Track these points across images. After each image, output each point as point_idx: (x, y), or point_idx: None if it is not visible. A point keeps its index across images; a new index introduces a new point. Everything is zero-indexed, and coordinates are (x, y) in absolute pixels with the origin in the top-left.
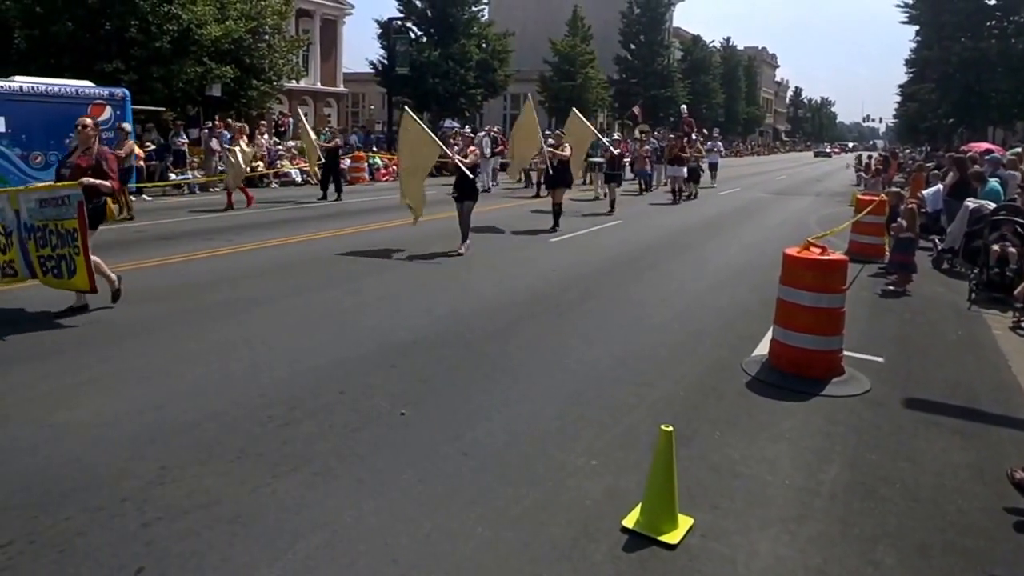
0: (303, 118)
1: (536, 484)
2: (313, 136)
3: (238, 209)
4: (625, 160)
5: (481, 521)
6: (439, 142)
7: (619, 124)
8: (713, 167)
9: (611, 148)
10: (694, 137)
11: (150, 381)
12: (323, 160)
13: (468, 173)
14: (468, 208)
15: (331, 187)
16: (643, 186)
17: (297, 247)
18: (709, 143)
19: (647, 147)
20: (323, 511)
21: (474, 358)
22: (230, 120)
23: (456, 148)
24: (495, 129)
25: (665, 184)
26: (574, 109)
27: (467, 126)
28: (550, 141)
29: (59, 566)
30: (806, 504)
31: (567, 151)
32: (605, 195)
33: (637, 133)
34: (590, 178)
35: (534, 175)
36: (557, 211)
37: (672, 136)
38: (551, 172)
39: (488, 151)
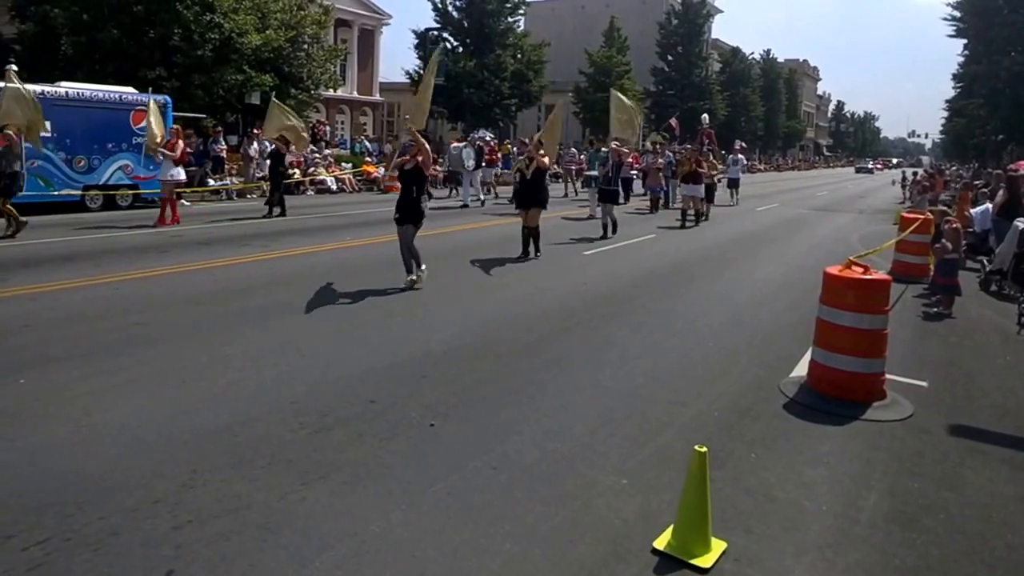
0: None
1: (565, 501)
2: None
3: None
4: (634, 174)
5: (509, 537)
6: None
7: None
8: (734, 183)
9: (608, 159)
10: (705, 150)
11: (184, 385)
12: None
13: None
14: (410, 233)
15: (280, 202)
16: (655, 204)
17: (328, 255)
18: (730, 157)
19: (661, 160)
20: (351, 520)
21: (505, 371)
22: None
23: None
24: (488, 137)
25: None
26: (613, 90)
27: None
28: (525, 150)
29: (92, 564)
30: (844, 532)
31: (546, 160)
32: (591, 215)
33: (648, 144)
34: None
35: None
36: (532, 236)
37: (687, 148)
38: (522, 187)
39: (471, 163)
